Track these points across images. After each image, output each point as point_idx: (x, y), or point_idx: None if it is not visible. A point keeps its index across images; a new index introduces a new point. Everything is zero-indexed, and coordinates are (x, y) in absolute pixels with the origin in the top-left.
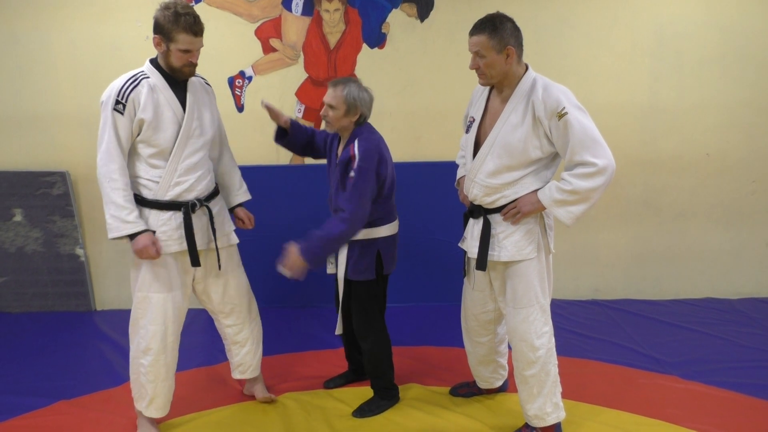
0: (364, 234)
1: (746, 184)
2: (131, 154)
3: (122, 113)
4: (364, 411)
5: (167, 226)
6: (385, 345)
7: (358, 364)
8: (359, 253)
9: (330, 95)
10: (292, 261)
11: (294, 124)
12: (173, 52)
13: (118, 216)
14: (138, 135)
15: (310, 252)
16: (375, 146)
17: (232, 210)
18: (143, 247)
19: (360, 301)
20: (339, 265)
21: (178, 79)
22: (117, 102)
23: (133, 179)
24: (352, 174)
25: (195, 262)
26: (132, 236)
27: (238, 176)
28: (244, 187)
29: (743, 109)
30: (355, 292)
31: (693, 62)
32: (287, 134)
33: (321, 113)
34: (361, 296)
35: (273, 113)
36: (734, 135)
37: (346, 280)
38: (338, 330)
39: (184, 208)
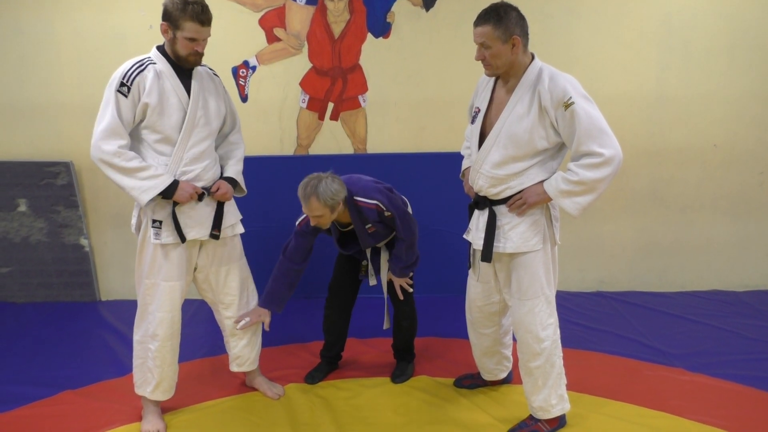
0: None
1: (753, 175)
2: (137, 142)
3: (126, 95)
4: (405, 376)
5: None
6: (417, 321)
7: (334, 358)
8: None
9: (311, 210)
10: (400, 284)
11: (278, 302)
12: (179, 40)
13: (148, 175)
14: (142, 121)
15: (406, 273)
16: (373, 187)
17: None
18: (191, 191)
19: (409, 292)
20: (382, 272)
21: (183, 67)
22: (122, 84)
23: None
24: (388, 213)
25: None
26: (169, 192)
27: (237, 153)
28: (239, 168)
29: (751, 100)
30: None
31: (701, 52)
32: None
33: (312, 224)
34: (410, 288)
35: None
36: (742, 126)
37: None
38: (386, 324)
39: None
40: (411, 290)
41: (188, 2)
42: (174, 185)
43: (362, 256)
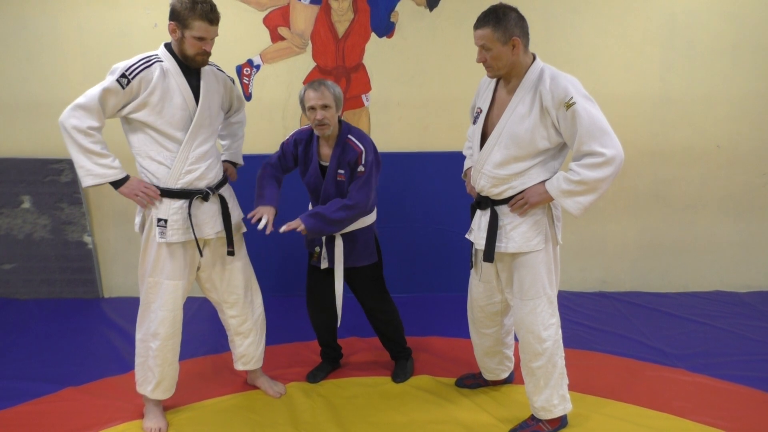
0: (361, 222)
1: (757, 176)
2: (143, 135)
3: (123, 87)
4: (405, 375)
5: (179, 215)
6: (398, 314)
7: (334, 357)
8: (363, 240)
9: (320, 97)
10: (294, 227)
11: (272, 197)
12: (187, 40)
13: (102, 163)
14: (134, 113)
15: (313, 229)
16: (369, 140)
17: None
18: (136, 186)
19: (372, 282)
20: (336, 259)
21: (190, 66)
22: (122, 75)
23: (145, 158)
24: (361, 168)
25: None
26: (117, 183)
27: (239, 132)
28: (239, 144)
29: (755, 100)
30: (363, 277)
31: (704, 52)
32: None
33: (317, 118)
34: (371, 278)
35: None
36: (745, 126)
37: (349, 270)
38: (339, 322)
39: (190, 199)
40: (297, 229)
41: (197, 1)
42: (124, 180)
43: (317, 243)
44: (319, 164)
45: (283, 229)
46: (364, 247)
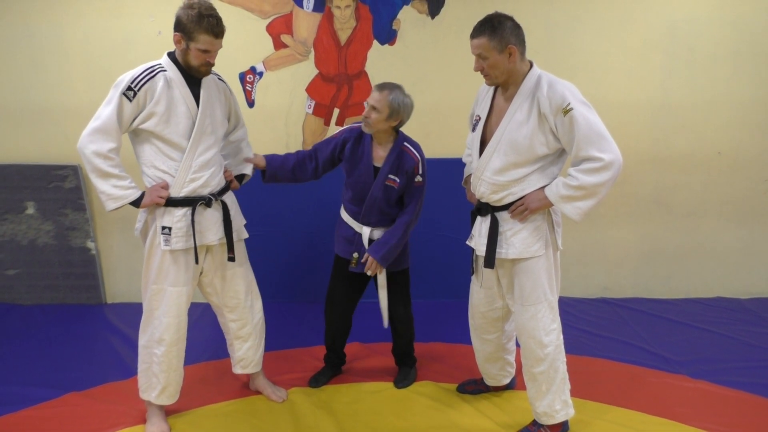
0: None
1: (758, 182)
2: (148, 145)
3: (130, 100)
4: (408, 381)
5: (182, 222)
6: (413, 324)
7: (337, 362)
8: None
9: (375, 98)
10: (374, 267)
11: (270, 158)
12: (192, 51)
13: (121, 185)
14: (144, 123)
15: (387, 259)
16: (422, 153)
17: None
18: (153, 193)
19: (402, 288)
20: (379, 276)
21: (194, 76)
22: (128, 88)
23: (150, 168)
24: (419, 179)
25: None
26: (136, 202)
27: (244, 148)
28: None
29: (756, 106)
30: (395, 283)
31: (705, 59)
32: (272, 171)
33: (363, 114)
34: (402, 284)
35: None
36: (746, 133)
37: (387, 273)
38: (385, 323)
39: (193, 206)
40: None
41: (203, 15)
42: (141, 197)
43: (356, 248)
44: (372, 164)
45: (369, 272)
46: (401, 252)
